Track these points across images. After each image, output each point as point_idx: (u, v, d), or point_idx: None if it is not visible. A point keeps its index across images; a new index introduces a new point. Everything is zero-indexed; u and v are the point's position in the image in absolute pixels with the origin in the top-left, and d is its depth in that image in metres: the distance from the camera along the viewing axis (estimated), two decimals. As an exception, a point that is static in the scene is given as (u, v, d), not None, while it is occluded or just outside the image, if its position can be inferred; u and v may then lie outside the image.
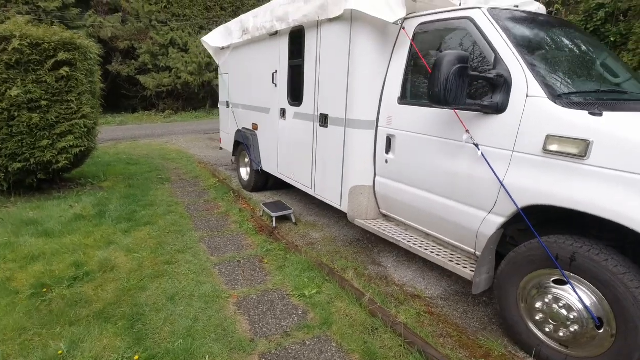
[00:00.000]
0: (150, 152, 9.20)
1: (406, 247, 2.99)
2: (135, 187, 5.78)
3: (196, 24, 18.82)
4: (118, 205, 4.83)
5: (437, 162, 2.72)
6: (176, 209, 4.95)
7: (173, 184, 6.20)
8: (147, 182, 6.18)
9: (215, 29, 6.50)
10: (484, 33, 2.45)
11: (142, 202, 5.08)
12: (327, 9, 3.37)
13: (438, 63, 2.23)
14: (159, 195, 5.52)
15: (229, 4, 19.39)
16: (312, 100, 3.90)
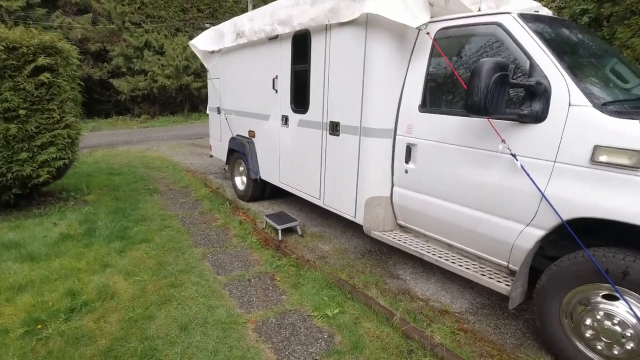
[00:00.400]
0: (132, 160, 8.73)
1: (431, 260, 2.87)
2: (123, 200, 5.41)
3: (172, 26, 18.25)
4: (107, 221, 4.47)
5: (465, 173, 2.61)
6: (171, 223, 4.64)
7: (162, 195, 5.85)
8: (134, 193, 5.81)
9: (203, 32, 6.21)
10: (516, 39, 2.36)
11: (133, 217, 4.73)
12: (338, 13, 3.21)
13: (477, 71, 2.11)
14: (149, 208, 5.19)
15: (206, 6, 18.93)
16: (319, 107, 3.73)
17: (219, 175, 7.26)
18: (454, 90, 2.72)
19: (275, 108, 4.50)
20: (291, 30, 3.91)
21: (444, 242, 2.99)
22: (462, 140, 2.61)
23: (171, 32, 18.15)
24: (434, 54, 2.85)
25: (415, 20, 2.68)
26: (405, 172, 3.09)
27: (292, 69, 4.10)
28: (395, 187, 3.22)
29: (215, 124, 6.38)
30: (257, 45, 4.70)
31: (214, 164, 8.24)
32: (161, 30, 17.92)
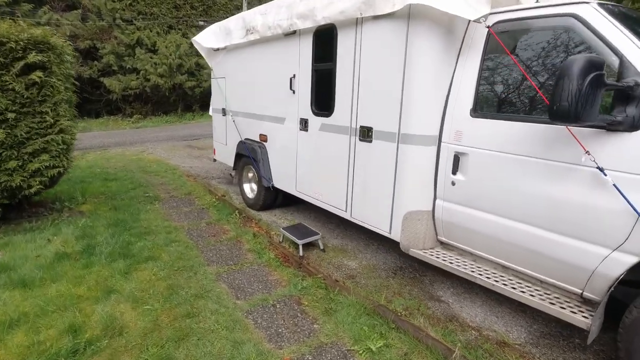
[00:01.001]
0: (127, 163, 8.25)
1: (487, 285, 2.53)
2: (122, 210, 4.97)
3: (164, 23, 17.66)
4: (107, 236, 4.05)
5: (533, 188, 2.27)
6: (177, 236, 4.24)
7: (164, 203, 5.43)
8: (133, 202, 5.37)
9: (207, 28, 5.80)
10: (599, 33, 2.03)
11: (135, 230, 4.31)
12: (374, 5, 2.85)
13: (567, 70, 1.77)
14: (151, 218, 4.76)
15: (199, 3, 18.37)
16: (347, 111, 3.37)
17: (223, 181, 6.84)
18: (518, 93, 2.39)
19: (292, 110, 4.12)
20: (313, 25, 3.53)
21: (496, 262, 2.66)
22: (528, 150, 2.27)
23: (164, 30, 17.56)
24: (490, 50, 2.51)
25: (473, 11, 2.34)
26: (452, 184, 2.74)
27: (313, 67, 3.73)
28: (438, 201, 2.87)
29: (219, 126, 5.96)
30: (271, 42, 4.31)
31: (216, 167, 7.82)
32: (153, 27, 17.33)
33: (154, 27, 17.33)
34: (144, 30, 16.91)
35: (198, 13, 18.29)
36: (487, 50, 2.52)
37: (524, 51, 2.36)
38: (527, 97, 2.32)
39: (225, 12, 19.04)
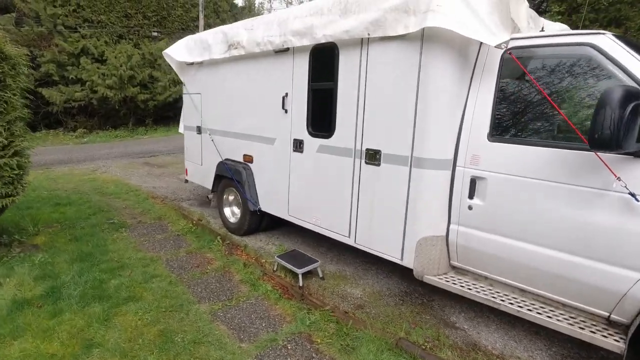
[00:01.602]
0: (79, 185, 7.45)
1: (511, 311, 2.49)
2: (85, 241, 4.39)
3: (114, 32, 16.58)
4: (74, 274, 3.52)
5: (558, 213, 2.28)
6: (156, 269, 3.80)
7: (133, 231, 4.90)
8: (96, 230, 4.78)
9: (180, 41, 5.44)
10: (618, 62, 2.10)
11: (106, 265, 3.80)
12: (384, 26, 2.78)
13: (609, 100, 1.79)
14: (121, 249, 4.25)
15: (153, 13, 17.52)
16: (350, 132, 3.24)
17: (194, 202, 6.37)
18: (540, 118, 2.41)
19: (283, 130, 3.91)
20: (311, 42, 3.39)
21: (515, 286, 2.64)
22: (553, 175, 2.28)
23: (113, 39, 16.48)
24: (505, 75, 2.53)
25: (494, 38, 2.34)
26: (468, 209, 2.70)
27: (310, 86, 3.57)
28: (453, 225, 2.82)
29: (193, 145, 5.56)
30: (259, 58, 4.10)
31: (184, 187, 7.30)
32: (101, 36, 16.20)
33: (102, 36, 16.20)
34: (90, 38, 15.73)
35: (151, 23, 17.43)
36: (502, 75, 2.54)
37: (541, 77, 2.40)
38: (550, 123, 2.35)
39: (181, 24, 18.38)
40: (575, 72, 2.30)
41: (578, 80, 2.29)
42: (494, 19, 2.38)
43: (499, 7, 2.38)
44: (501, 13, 2.37)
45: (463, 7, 2.40)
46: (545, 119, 2.39)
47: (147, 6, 17.22)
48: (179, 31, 18.35)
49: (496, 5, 2.39)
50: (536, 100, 2.41)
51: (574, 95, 2.29)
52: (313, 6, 3.42)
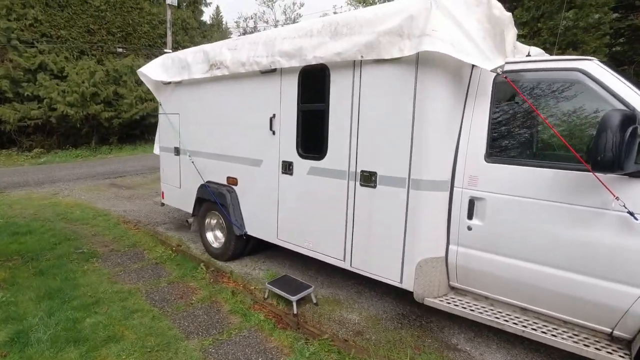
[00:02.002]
0: (39, 210, 6.89)
1: (516, 331, 2.48)
2: (51, 275, 4.02)
3: (75, 48, 15.89)
4: (42, 314, 3.18)
5: (559, 232, 2.33)
6: (135, 303, 3.52)
7: (105, 261, 4.55)
8: (63, 262, 4.40)
9: (156, 59, 5.25)
10: (606, 86, 2.21)
11: (78, 301, 3.48)
12: (378, 49, 2.79)
13: (610, 123, 1.87)
14: (94, 282, 3.92)
15: (118, 29, 17.01)
16: (343, 154, 3.20)
17: (171, 226, 6.06)
18: (537, 139, 2.48)
19: (271, 152, 3.81)
20: (300, 64, 3.35)
21: (516, 305, 2.65)
22: (552, 195, 2.34)
23: (74, 55, 15.77)
24: (498, 97, 2.59)
25: (490, 62, 2.40)
26: (468, 229, 2.70)
27: (300, 108, 3.52)
28: (452, 246, 2.81)
29: (171, 166, 5.31)
30: (244, 79, 4.00)
31: (158, 210, 6.94)
32: (61, 51, 15.45)
33: (62, 52, 15.46)
34: (48, 54, 14.96)
35: (116, 39, 16.88)
36: (495, 98, 2.60)
37: (535, 100, 2.48)
38: (546, 144, 2.42)
39: (148, 40, 17.94)
40: (566, 96, 2.39)
41: (569, 103, 2.38)
42: (488, 44, 2.45)
43: (493, 32, 2.45)
44: (495, 38, 2.44)
45: (458, 32, 2.45)
46: (541, 141, 2.46)
47: (111, 22, 16.71)
48: (145, 48, 17.92)
49: (489, 31, 2.47)
50: (531, 122, 2.48)
51: (566, 117, 2.37)
52: (301, 28, 3.40)
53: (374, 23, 2.83)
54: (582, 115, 2.35)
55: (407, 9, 2.64)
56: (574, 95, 2.36)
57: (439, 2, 2.50)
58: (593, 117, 2.31)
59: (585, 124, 2.36)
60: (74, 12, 15.69)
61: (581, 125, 2.37)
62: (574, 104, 2.36)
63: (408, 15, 2.62)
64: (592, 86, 2.27)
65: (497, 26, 2.42)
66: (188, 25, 20.09)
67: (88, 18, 16.03)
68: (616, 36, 7.26)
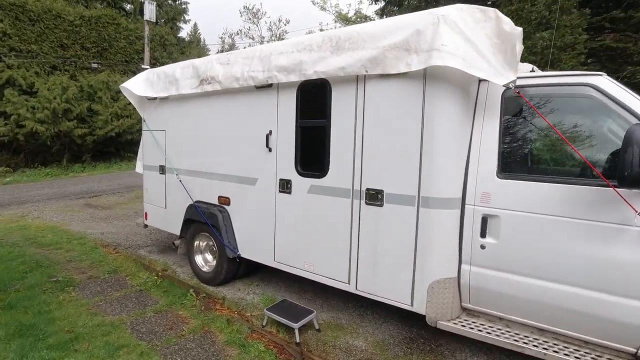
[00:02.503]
0: (6, 234, 6.37)
1: (539, 355, 2.38)
2: (22, 308, 3.63)
3: (47, 63, 15.28)
4: (14, 355, 2.82)
5: (577, 249, 2.27)
6: (120, 337, 3.20)
7: (83, 289, 4.18)
8: (35, 293, 4.00)
9: (139, 74, 5.02)
10: (618, 100, 2.21)
11: (55, 338, 3.13)
12: (383, 63, 2.72)
13: (633, 139, 1.83)
14: (72, 315, 3.56)
15: (93, 44, 16.51)
16: (347, 171, 3.08)
17: (154, 249, 5.70)
18: (551, 154, 2.44)
19: (268, 170, 3.64)
20: (299, 79, 3.24)
21: (533, 326, 2.56)
22: (570, 212, 2.28)
23: (45, 70, 15.14)
24: (508, 112, 2.56)
25: (503, 78, 2.35)
26: (481, 248, 2.61)
27: (299, 123, 3.39)
28: (464, 266, 2.71)
29: (155, 186, 5.02)
30: (236, 94, 3.85)
31: (138, 232, 6.56)
32: (31, 66, 14.80)
33: (32, 67, 14.81)
34: (17, 69, 14.29)
35: (91, 54, 16.37)
36: (505, 113, 2.57)
37: (547, 115, 2.45)
38: (562, 159, 2.38)
39: (124, 56, 17.52)
40: (578, 110, 2.38)
41: (580, 117, 2.36)
42: (498, 59, 2.42)
43: (503, 48, 2.42)
44: (506, 54, 2.41)
45: (468, 47, 2.41)
46: (556, 156, 2.43)
47: (86, 37, 16.23)
48: (122, 63, 17.47)
49: (499, 47, 2.44)
50: (544, 137, 2.45)
51: (579, 131, 2.35)
52: (299, 42, 3.30)
53: (378, 38, 2.77)
54: (594, 129, 2.33)
55: (413, 24, 2.59)
56: (586, 109, 2.35)
57: (447, 17, 2.46)
58: (606, 132, 2.29)
59: (598, 138, 2.34)
60: (46, 26, 15.14)
61: (594, 139, 2.35)
62: (586, 118, 2.35)
63: (414, 30, 2.57)
64: (604, 101, 2.26)
65: (507, 41, 2.40)
66: (166, 42, 19.81)
67: (61, 32, 15.51)
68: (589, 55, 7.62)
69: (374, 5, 13.91)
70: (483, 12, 2.48)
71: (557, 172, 2.43)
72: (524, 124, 2.55)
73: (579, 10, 7.13)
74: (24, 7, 14.55)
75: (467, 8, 2.51)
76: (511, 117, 2.57)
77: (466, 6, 2.51)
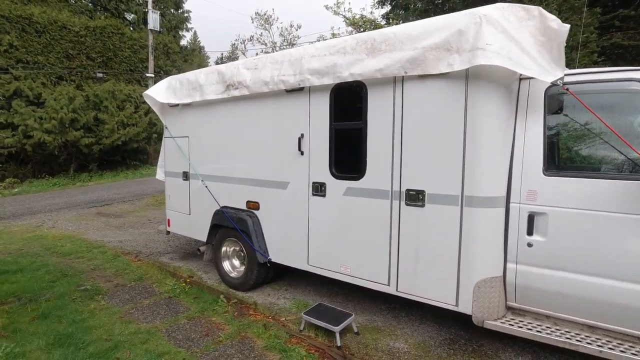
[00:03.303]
0: (24, 244, 6.35)
1: (594, 352, 2.36)
2: (56, 317, 3.61)
3: (53, 74, 15.35)
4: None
5: (630, 244, 2.26)
6: (159, 344, 3.18)
7: (112, 298, 4.16)
8: (66, 302, 3.98)
9: (161, 81, 5.05)
10: (667, 96, 2.21)
11: (95, 346, 3.11)
12: (423, 64, 2.73)
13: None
14: (106, 323, 3.54)
15: (98, 54, 16.60)
16: (385, 173, 3.07)
17: (175, 256, 5.68)
18: (600, 150, 2.44)
19: (300, 173, 3.64)
20: (333, 81, 3.25)
21: (583, 323, 2.54)
22: (622, 207, 2.28)
23: (52, 81, 15.20)
24: (553, 108, 2.57)
25: (550, 75, 2.36)
26: (528, 246, 2.61)
27: (333, 126, 3.39)
28: (510, 264, 2.70)
29: (178, 192, 5.02)
30: (265, 98, 3.86)
31: (156, 239, 6.54)
32: (38, 77, 14.87)
33: (39, 77, 14.88)
34: (24, 80, 14.35)
35: (96, 64, 16.45)
36: (549, 109, 2.57)
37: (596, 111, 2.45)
38: (612, 154, 2.38)
39: (129, 65, 17.61)
40: (624, 105, 2.38)
41: (628, 112, 2.37)
42: (544, 56, 2.43)
43: (549, 45, 2.44)
44: (552, 51, 2.42)
45: (512, 45, 2.42)
46: (605, 151, 2.43)
47: (91, 47, 16.32)
48: (126, 72, 17.55)
49: (544, 44, 2.45)
50: (591, 132, 2.45)
51: (628, 126, 2.35)
52: (332, 45, 3.32)
53: (416, 39, 2.78)
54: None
55: (454, 24, 2.61)
56: (633, 104, 2.35)
57: (489, 16, 2.48)
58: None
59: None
60: (52, 37, 15.24)
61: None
62: (634, 113, 2.35)
63: (456, 30, 2.58)
64: (652, 95, 2.26)
65: (553, 39, 2.41)
66: (170, 50, 19.91)
67: (67, 43, 15.60)
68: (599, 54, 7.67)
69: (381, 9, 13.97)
70: (526, 10, 2.50)
71: (607, 167, 2.43)
72: (569, 120, 2.56)
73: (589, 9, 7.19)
74: (31, 19, 14.66)
75: (509, 7, 2.52)
76: (555, 114, 2.58)
77: (508, 5, 2.53)
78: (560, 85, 2.37)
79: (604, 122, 2.26)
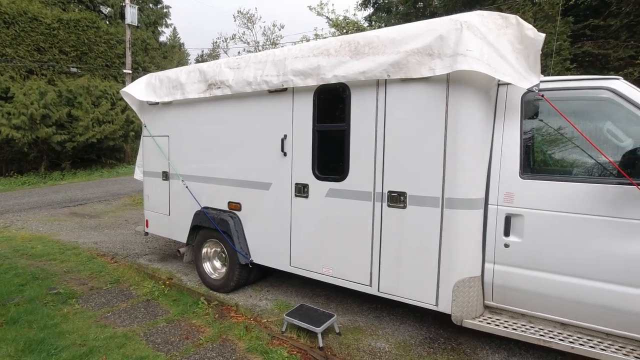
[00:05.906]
0: (-9, 247, 6.05)
1: (566, 349, 2.46)
2: (26, 323, 3.46)
3: (22, 67, 14.69)
4: (29, 372, 2.68)
5: (602, 245, 2.38)
6: (137, 349, 3.10)
7: (86, 301, 4.02)
8: (37, 306, 3.82)
9: (141, 79, 4.91)
10: (636, 102, 2.33)
11: (67, 352, 3.00)
12: (406, 68, 2.77)
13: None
14: (81, 328, 3.43)
15: (71, 48, 16.01)
16: (367, 174, 3.11)
17: (154, 257, 5.55)
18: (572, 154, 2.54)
19: (282, 174, 3.63)
20: (317, 83, 3.26)
21: (556, 321, 2.65)
22: (593, 209, 2.39)
23: (21, 75, 14.55)
24: (529, 115, 2.66)
25: (526, 81, 2.45)
26: (505, 247, 2.69)
27: (315, 128, 3.40)
28: (488, 264, 2.78)
29: (158, 193, 4.90)
30: (247, 99, 3.83)
31: (134, 240, 6.37)
32: (6, 70, 14.21)
33: (7, 71, 14.22)
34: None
35: (69, 59, 15.86)
36: (525, 115, 2.67)
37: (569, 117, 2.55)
38: (583, 159, 2.49)
39: (105, 60, 17.07)
40: (596, 112, 2.50)
41: (599, 118, 2.48)
42: (521, 63, 2.51)
43: (526, 53, 2.52)
44: (528, 59, 2.51)
45: (491, 52, 2.49)
46: (577, 155, 2.53)
47: (64, 40, 15.74)
48: (102, 68, 17.01)
49: (522, 52, 2.54)
50: (566, 138, 2.55)
51: (598, 132, 2.47)
52: (316, 47, 3.33)
53: (399, 43, 2.82)
54: (613, 130, 2.45)
55: (435, 29, 2.66)
56: (604, 111, 2.46)
57: (469, 23, 2.54)
58: (623, 132, 2.41)
59: (617, 138, 2.46)
60: (21, 29, 14.60)
61: (612, 140, 2.47)
62: (604, 119, 2.46)
63: (437, 36, 2.63)
64: (622, 103, 2.38)
65: (530, 47, 2.50)
66: (148, 46, 19.42)
67: (38, 36, 14.98)
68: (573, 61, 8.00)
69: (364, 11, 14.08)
70: (504, 18, 2.57)
71: (579, 171, 2.54)
72: (544, 125, 2.66)
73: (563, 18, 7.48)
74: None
75: (489, 14, 2.60)
76: (531, 119, 2.67)
77: (488, 12, 2.60)
78: (536, 91, 2.46)
79: (576, 128, 2.36)
